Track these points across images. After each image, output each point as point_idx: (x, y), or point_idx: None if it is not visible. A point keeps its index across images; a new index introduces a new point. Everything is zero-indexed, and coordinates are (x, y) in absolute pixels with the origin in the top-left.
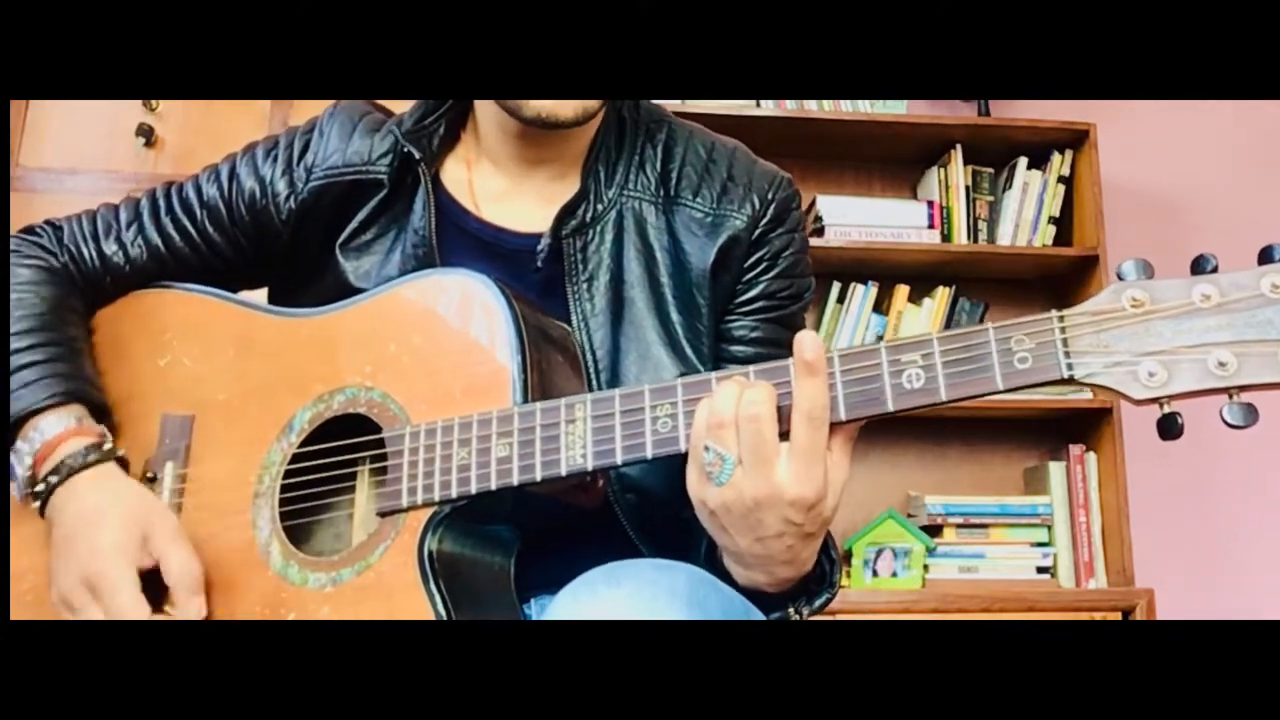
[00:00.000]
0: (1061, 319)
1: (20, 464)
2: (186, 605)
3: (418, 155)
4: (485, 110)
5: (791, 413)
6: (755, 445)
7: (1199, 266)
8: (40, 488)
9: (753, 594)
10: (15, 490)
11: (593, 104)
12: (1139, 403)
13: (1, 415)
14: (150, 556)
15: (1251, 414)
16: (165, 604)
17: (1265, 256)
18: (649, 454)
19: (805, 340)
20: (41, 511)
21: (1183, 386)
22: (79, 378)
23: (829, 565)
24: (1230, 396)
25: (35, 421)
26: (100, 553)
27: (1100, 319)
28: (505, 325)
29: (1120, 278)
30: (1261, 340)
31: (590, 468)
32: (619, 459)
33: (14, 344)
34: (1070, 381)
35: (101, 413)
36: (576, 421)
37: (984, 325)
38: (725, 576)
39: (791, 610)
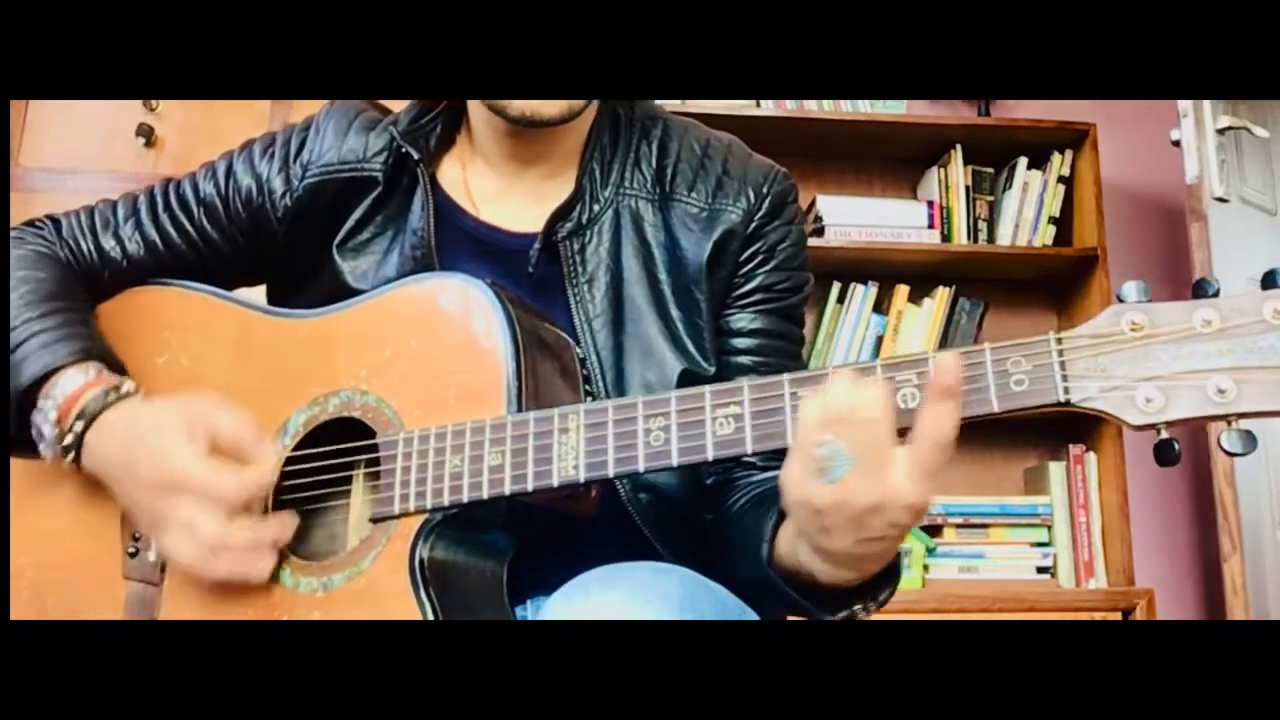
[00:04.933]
0: (1059, 341)
1: (46, 421)
2: (257, 454)
3: (416, 155)
4: (476, 110)
5: (916, 429)
6: (871, 448)
7: (1200, 290)
8: (69, 439)
9: (823, 592)
10: (46, 450)
11: (578, 101)
12: (1136, 428)
13: (2, 413)
14: (204, 438)
15: (1250, 442)
16: (238, 465)
17: (1268, 281)
18: (641, 467)
19: (946, 365)
20: (76, 461)
21: (1180, 413)
22: (92, 338)
23: (895, 558)
24: (1229, 423)
25: (55, 379)
26: (161, 455)
27: (1099, 342)
28: (501, 331)
29: (1120, 299)
30: (1262, 367)
31: (582, 479)
32: (611, 471)
33: (26, 313)
34: (1067, 406)
35: (117, 369)
36: (569, 432)
37: (980, 345)
38: (791, 577)
39: (859, 607)
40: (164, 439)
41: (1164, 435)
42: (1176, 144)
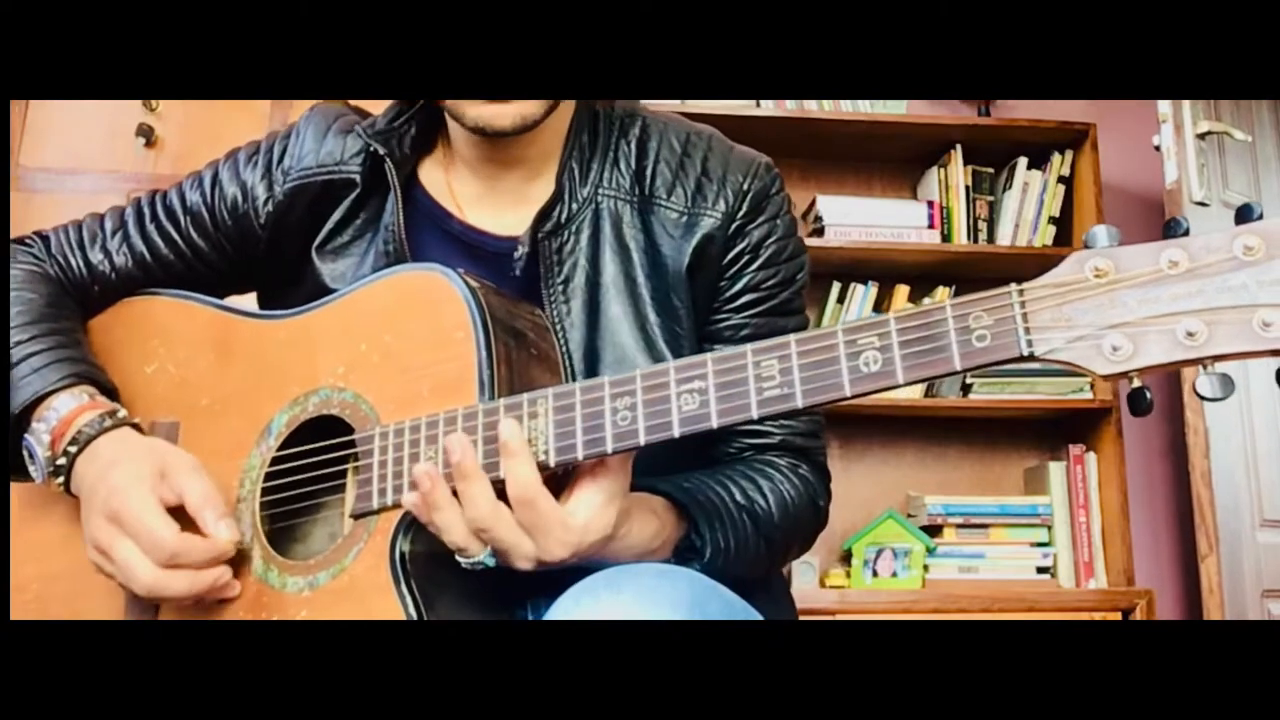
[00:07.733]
0: (1021, 293)
1: (39, 443)
2: (216, 528)
3: (383, 153)
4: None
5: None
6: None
7: (1170, 230)
8: (61, 460)
9: None
10: (36, 473)
11: (533, 112)
12: (1105, 378)
13: (1, 417)
14: (170, 491)
15: (1228, 385)
16: (193, 530)
17: (1242, 216)
18: (609, 448)
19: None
20: (67, 486)
21: (1150, 360)
22: (85, 361)
23: (699, 542)
24: (1204, 368)
25: (49, 401)
26: (118, 488)
27: (1062, 291)
28: (470, 321)
29: (1087, 245)
30: (1234, 307)
31: (553, 464)
32: (580, 454)
33: (17, 335)
34: (1031, 359)
35: (110, 393)
36: (539, 416)
37: (942, 302)
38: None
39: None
40: (129, 476)
41: (1135, 384)
42: (1158, 149)
